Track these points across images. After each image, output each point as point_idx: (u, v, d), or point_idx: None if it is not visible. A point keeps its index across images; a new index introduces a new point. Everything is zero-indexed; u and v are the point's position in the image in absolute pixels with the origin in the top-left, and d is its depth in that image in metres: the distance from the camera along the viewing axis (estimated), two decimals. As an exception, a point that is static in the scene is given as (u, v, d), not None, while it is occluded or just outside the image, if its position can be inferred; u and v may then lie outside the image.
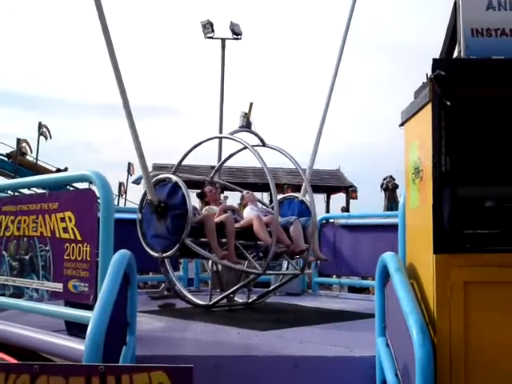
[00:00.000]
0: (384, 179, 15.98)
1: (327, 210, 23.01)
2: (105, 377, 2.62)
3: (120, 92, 6.32)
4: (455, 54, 4.16)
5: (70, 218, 4.90)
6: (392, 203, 14.83)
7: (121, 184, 29.04)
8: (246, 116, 8.03)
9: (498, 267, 3.76)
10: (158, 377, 2.66)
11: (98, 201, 4.74)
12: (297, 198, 8.68)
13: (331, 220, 9.77)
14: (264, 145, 8.20)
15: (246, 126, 8.04)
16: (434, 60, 3.86)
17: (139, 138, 6.52)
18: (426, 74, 3.88)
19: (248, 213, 7.93)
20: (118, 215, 5.02)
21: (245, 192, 8.63)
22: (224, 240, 7.23)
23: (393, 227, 6.26)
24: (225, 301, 7.71)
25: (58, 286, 4.99)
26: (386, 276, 4.35)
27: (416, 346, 3.47)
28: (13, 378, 2.60)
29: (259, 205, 8.76)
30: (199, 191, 8.48)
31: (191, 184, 8.36)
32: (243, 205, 8.42)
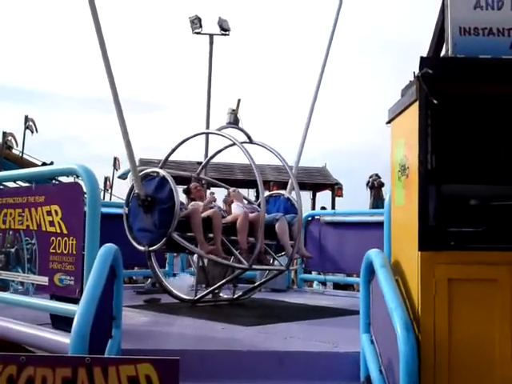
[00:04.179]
0: (370, 177, 15.99)
1: (313, 207, 23.01)
2: (91, 368, 2.63)
3: (106, 71, 6.28)
4: (443, 53, 4.19)
5: (56, 211, 4.90)
6: (378, 201, 14.85)
7: (106, 179, 28.90)
8: (234, 112, 8.03)
9: (481, 265, 3.80)
10: (144, 369, 2.66)
11: (85, 195, 4.74)
12: (282, 195, 8.71)
13: (317, 217, 9.79)
14: (251, 141, 8.20)
15: (234, 122, 8.04)
16: (422, 58, 3.88)
17: (126, 124, 6.49)
18: (414, 72, 3.90)
19: (235, 209, 7.94)
20: (103, 210, 5.02)
21: (231, 189, 8.63)
22: (211, 235, 7.25)
23: (378, 225, 6.28)
24: (210, 296, 7.72)
25: (43, 280, 4.98)
26: (371, 272, 4.37)
27: (400, 342, 3.50)
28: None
29: (245, 202, 8.76)
30: (185, 187, 8.47)
31: (177, 180, 8.34)
32: (229, 202, 8.41)
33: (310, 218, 9.68)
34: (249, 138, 8.19)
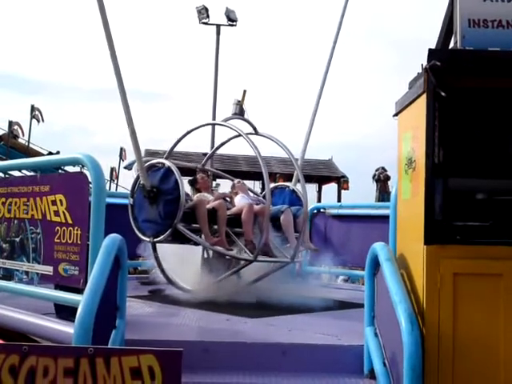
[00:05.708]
0: (376, 170, 16.01)
1: (319, 200, 22.99)
2: (94, 359, 2.62)
3: (111, 57, 6.21)
4: (451, 45, 4.16)
5: (61, 201, 4.89)
6: (384, 194, 14.84)
7: (112, 169, 28.91)
8: (240, 103, 8.01)
9: (487, 259, 3.78)
10: (147, 360, 2.66)
11: (90, 185, 4.73)
12: (288, 187, 8.69)
13: (322, 210, 9.76)
14: (256, 133, 8.18)
15: (239, 113, 8.03)
16: (430, 50, 3.85)
17: (130, 113, 6.43)
18: (422, 65, 3.87)
19: (239, 201, 7.93)
20: (109, 200, 5.01)
21: (236, 181, 8.61)
22: (216, 226, 7.24)
23: (384, 218, 6.26)
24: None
25: (48, 269, 4.98)
26: (376, 266, 4.36)
27: (404, 334, 3.49)
28: (2, 358, 2.60)
29: (250, 194, 8.75)
30: (191, 178, 8.46)
31: (183, 171, 8.31)
32: (233, 194, 8.41)
33: (315, 211, 9.66)
34: (254, 129, 8.17)
